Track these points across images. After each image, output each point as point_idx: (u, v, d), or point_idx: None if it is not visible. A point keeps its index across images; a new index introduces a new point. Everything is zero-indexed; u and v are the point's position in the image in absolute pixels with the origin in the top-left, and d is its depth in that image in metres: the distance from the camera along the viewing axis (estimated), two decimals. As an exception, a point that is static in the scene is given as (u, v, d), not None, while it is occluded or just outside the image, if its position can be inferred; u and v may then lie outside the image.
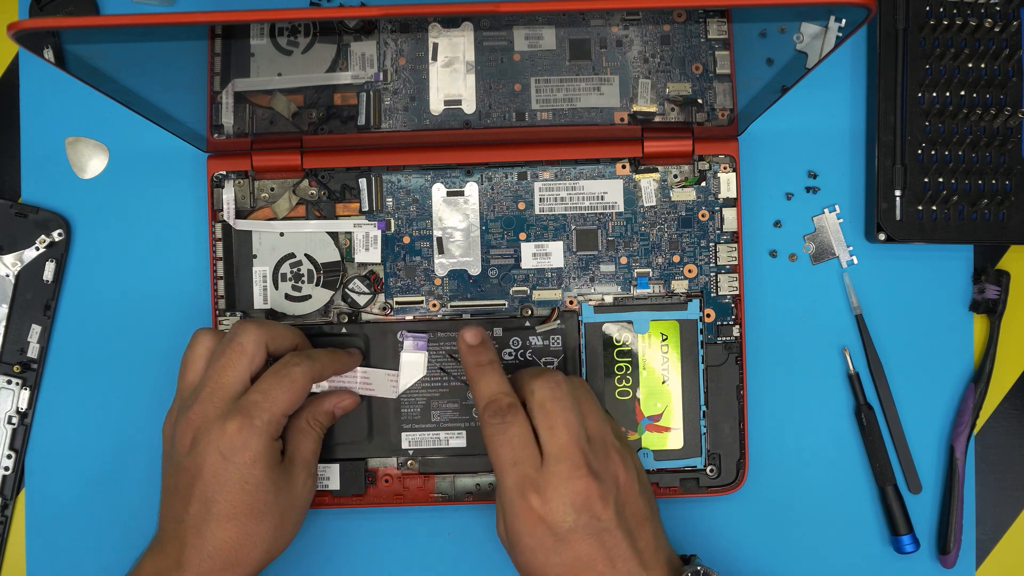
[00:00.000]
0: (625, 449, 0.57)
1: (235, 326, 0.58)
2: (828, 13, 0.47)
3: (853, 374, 0.64)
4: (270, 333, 0.58)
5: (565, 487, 0.53)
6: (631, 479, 0.55)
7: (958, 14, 0.63)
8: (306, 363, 0.57)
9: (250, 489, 0.55)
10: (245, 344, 0.57)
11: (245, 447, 0.55)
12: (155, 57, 0.54)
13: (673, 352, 0.63)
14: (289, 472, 0.57)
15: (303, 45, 0.63)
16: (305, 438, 0.59)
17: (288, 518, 0.57)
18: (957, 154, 0.63)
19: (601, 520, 0.54)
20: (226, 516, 0.55)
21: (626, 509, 0.55)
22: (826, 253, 0.65)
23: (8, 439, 0.64)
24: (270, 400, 0.56)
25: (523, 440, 0.55)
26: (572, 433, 0.54)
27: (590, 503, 0.53)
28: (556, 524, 0.53)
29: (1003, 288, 0.64)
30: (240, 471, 0.55)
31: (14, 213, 0.64)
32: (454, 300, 0.64)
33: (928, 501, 0.65)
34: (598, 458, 0.55)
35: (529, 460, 0.54)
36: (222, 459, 0.55)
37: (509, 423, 0.55)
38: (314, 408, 0.60)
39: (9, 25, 0.43)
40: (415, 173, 0.64)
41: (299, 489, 0.57)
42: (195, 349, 0.58)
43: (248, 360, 0.56)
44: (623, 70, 0.63)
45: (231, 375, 0.56)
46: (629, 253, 0.64)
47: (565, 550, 0.54)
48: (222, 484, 0.55)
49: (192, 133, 0.62)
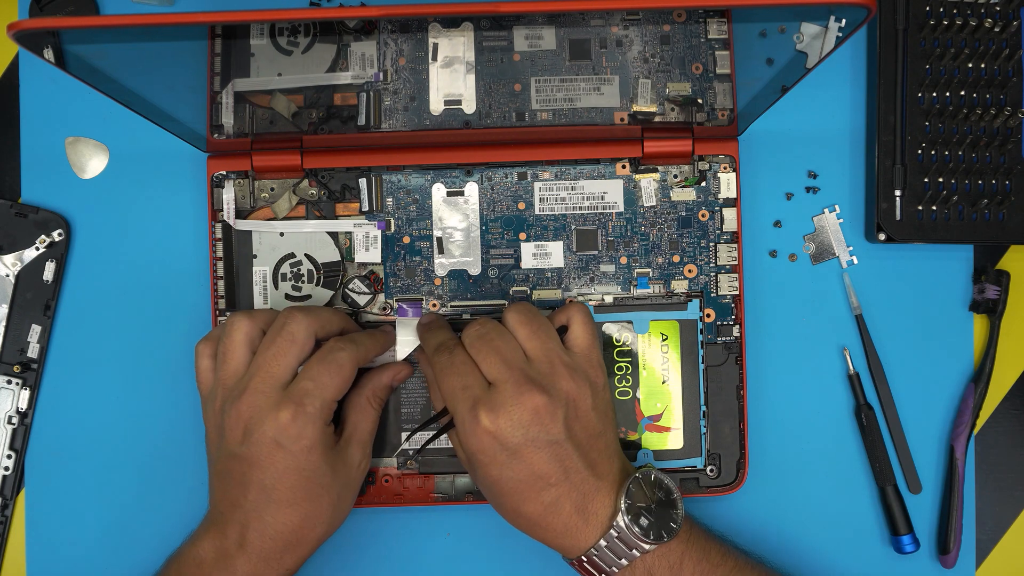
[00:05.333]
0: (577, 366, 0.57)
1: (284, 314, 0.57)
2: (828, 13, 0.47)
3: (853, 374, 0.64)
4: (320, 320, 0.58)
5: (512, 403, 0.55)
6: (583, 394, 0.57)
7: (958, 14, 0.63)
8: (351, 347, 0.57)
9: (308, 475, 0.56)
10: (296, 333, 0.57)
11: (301, 435, 0.55)
12: (155, 57, 0.54)
13: (673, 352, 0.63)
14: (345, 452, 0.58)
15: (303, 45, 0.63)
16: (364, 416, 0.59)
17: (345, 496, 0.58)
18: (957, 154, 0.63)
19: (550, 433, 0.55)
20: (286, 502, 0.55)
21: (577, 423, 0.56)
22: (826, 253, 0.65)
23: (8, 439, 0.64)
24: (320, 387, 0.56)
25: (469, 366, 0.56)
26: (504, 357, 0.56)
27: (539, 417, 0.55)
28: (506, 439, 0.55)
29: (1003, 288, 0.64)
30: (297, 459, 0.55)
31: (14, 213, 0.64)
32: (454, 300, 0.64)
33: (928, 501, 0.65)
34: (543, 375, 0.56)
35: (476, 384, 0.56)
36: (279, 448, 0.55)
37: (455, 355, 0.57)
38: (374, 384, 0.60)
39: (9, 25, 0.43)
40: (415, 173, 0.64)
41: (355, 468, 0.58)
42: (233, 336, 0.58)
43: (299, 349, 0.57)
44: (623, 70, 0.63)
45: (282, 365, 0.56)
46: (629, 253, 0.64)
47: (517, 464, 0.55)
48: (280, 473, 0.55)
49: (192, 133, 0.62)
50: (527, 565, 0.64)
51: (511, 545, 0.64)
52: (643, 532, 0.55)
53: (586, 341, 0.59)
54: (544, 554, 0.59)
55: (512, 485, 0.56)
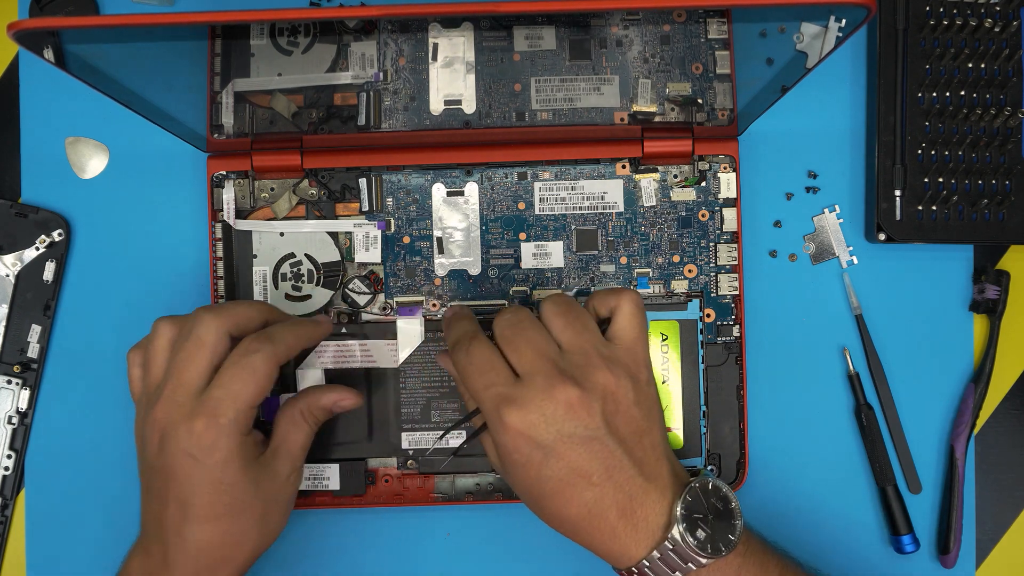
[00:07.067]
0: (616, 358, 0.54)
1: (193, 315, 0.54)
2: (828, 13, 0.47)
3: (853, 374, 0.64)
4: (231, 318, 0.54)
5: (542, 397, 0.51)
6: (623, 387, 0.53)
7: (958, 14, 0.63)
8: (267, 347, 0.54)
9: (225, 488, 0.53)
10: (203, 336, 0.53)
11: (215, 447, 0.52)
12: (155, 57, 0.55)
13: (673, 352, 0.63)
14: (270, 465, 0.55)
15: (303, 45, 0.63)
16: (296, 430, 0.56)
17: (273, 511, 0.55)
18: (957, 154, 0.63)
19: (588, 428, 0.51)
20: (204, 518, 0.53)
21: (617, 418, 0.52)
22: (826, 253, 0.65)
23: (8, 439, 0.64)
24: (232, 395, 0.52)
25: (490, 362, 0.53)
26: (536, 348, 0.53)
27: (573, 411, 0.51)
28: (539, 436, 0.51)
29: (1003, 288, 0.64)
30: (212, 472, 0.52)
31: (14, 213, 0.64)
32: (454, 300, 0.63)
33: (928, 501, 0.65)
34: (577, 367, 0.52)
35: (501, 380, 0.52)
36: (193, 460, 0.52)
37: (473, 350, 0.54)
38: (312, 401, 0.57)
39: (9, 25, 0.43)
40: (415, 173, 0.64)
41: (282, 482, 0.55)
42: (156, 342, 0.55)
43: (209, 352, 0.53)
44: (623, 70, 0.63)
45: (192, 371, 0.53)
46: (629, 253, 0.64)
47: (554, 462, 0.51)
48: (196, 486, 0.52)
49: (192, 133, 0.62)
50: (527, 565, 0.64)
51: (511, 545, 0.64)
52: (699, 545, 0.52)
53: (632, 333, 0.55)
54: (545, 554, 0.60)
55: (551, 486, 0.52)
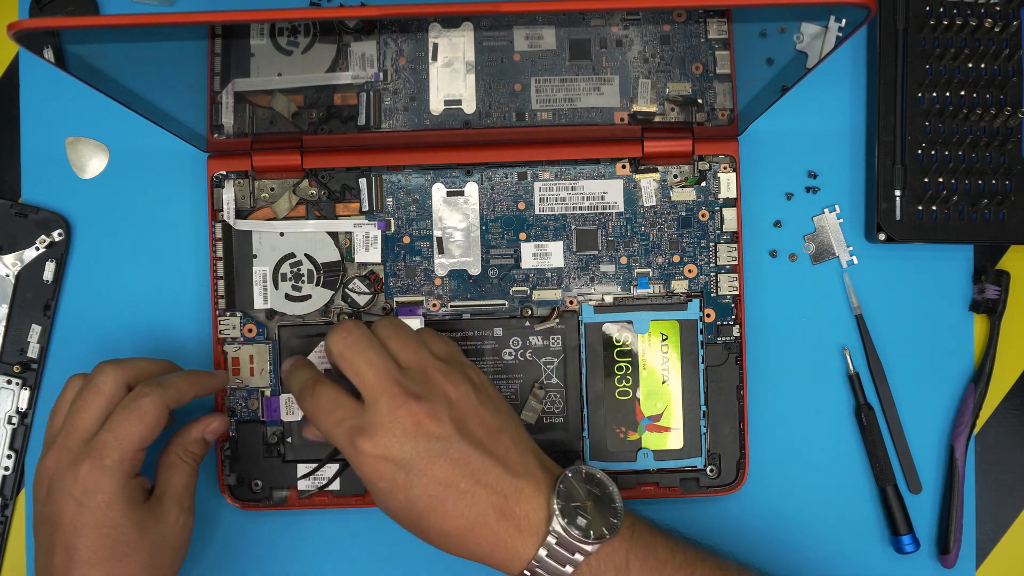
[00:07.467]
0: (452, 367, 0.55)
1: (95, 368, 0.56)
2: (828, 13, 0.47)
3: (853, 374, 0.64)
4: (131, 370, 0.56)
5: (390, 420, 0.52)
6: (464, 392, 0.54)
7: (958, 14, 0.63)
8: (156, 392, 0.55)
9: (108, 532, 0.53)
10: (101, 385, 0.55)
11: (98, 489, 0.53)
12: (155, 57, 0.54)
13: (673, 352, 0.63)
14: (156, 509, 0.55)
15: (303, 45, 0.63)
16: (176, 472, 0.57)
17: (161, 556, 0.55)
18: (957, 154, 0.63)
19: (441, 438, 0.52)
20: (89, 562, 0.53)
21: (468, 423, 0.53)
22: (826, 253, 0.65)
23: (8, 439, 0.64)
24: (119, 437, 0.53)
25: (335, 400, 0.54)
26: (377, 369, 0.53)
27: (422, 425, 0.52)
28: (396, 456, 0.52)
29: (1003, 288, 0.64)
30: (96, 515, 0.53)
31: (14, 213, 0.64)
32: (454, 300, 0.64)
33: (928, 501, 0.65)
34: (418, 382, 0.53)
35: (348, 414, 0.53)
36: (77, 504, 0.53)
37: (318, 393, 0.54)
38: (182, 439, 0.58)
39: (9, 25, 0.43)
40: (415, 173, 0.64)
41: (170, 525, 0.56)
42: (64, 395, 0.57)
43: (105, 400, 0.55)
44: (623, 70, 0.63)
45: (86, 418, 0.54)
46: (629, 253, 0.64)
47: (418, 479, 0.52)
48: (79, 530, 0.53)
49: (192, 133, 0.62)
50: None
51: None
52: (583, 532, 0.52)
53: (444, 346, 0.57)
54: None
55: (423, 503, 0.52)
